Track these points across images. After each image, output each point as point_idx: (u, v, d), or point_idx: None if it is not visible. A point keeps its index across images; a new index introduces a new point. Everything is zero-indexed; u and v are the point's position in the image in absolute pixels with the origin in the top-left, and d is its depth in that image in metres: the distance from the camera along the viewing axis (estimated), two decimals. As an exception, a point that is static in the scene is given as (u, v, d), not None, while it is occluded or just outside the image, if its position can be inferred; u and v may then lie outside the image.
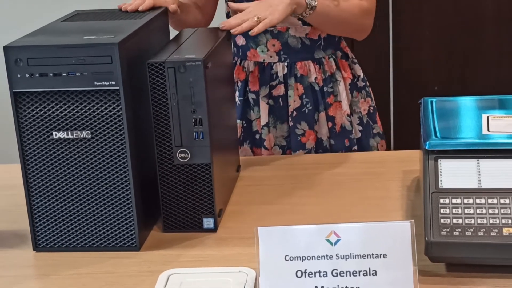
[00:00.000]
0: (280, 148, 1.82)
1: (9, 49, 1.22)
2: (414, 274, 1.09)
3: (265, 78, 1.80)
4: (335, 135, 1.81)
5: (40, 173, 1.26)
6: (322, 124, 1.80)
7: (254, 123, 1.82)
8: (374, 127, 1.88)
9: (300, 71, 1.78)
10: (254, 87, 1.81)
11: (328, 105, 1.81)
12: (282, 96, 1.79)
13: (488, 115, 1.34)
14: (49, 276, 1.23)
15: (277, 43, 1.77)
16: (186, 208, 1.34)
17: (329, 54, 1.81)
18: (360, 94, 1.86)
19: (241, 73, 1.82)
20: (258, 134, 1.82)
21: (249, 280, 1.15)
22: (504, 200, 1.14)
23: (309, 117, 1.79)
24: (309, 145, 1.80)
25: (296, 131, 1.79)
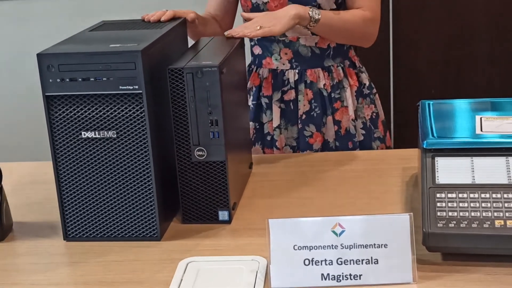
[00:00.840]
0: (291, 148, 1.82)
1: (42, 57, 1.23)
2: (412, 263, 1.09)
3: (277, 84, 1.80)
4: (340, 137, 1.81)
5: (70, 169, 1.27)
6: (329, 127, 1.80)
7: (266, 125, 1.82)
8: (376, 132, 1.88)
9: (310, 77, 1.78)
10: (267, 92, 1.81)
11: (335, 109, 1.80)
12: (293, 100, 1.79)
13: (481, 116, 1.33)
14: (78, 263, 1.23)
15: (289, 51, 1.77)
16: (203, 201, 1.33)
17: (337, 62, 1.81)
18: (364, 101, 1.85)
19: (256, 79, 1.83)
20: (270, 136, 1.82)
21: (260, 267, 1.14)
22: (496, 195, 1.14)
23: (317, 120, 1.79)
24: (316, 146, 1.79)
25: (305, 132, 1.79)
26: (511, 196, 1.13)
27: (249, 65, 1.87)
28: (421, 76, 3.03)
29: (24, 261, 1.26)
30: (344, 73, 1.81)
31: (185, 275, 1.14)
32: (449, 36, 2.97)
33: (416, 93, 2.97)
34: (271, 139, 1.82)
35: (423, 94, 2.89)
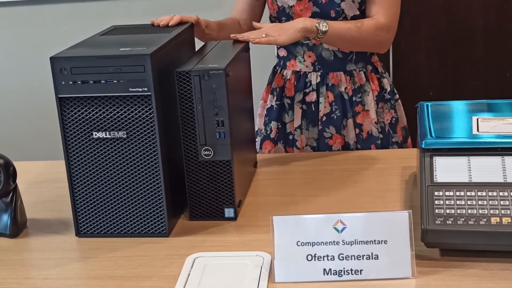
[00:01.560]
0: (311, 148, 1.82)
1: (54, 60, 1.23)
2: (411, 258, 1.09)
3: (300, 85, 1.80)
4: (362, 140, 1.80)
5: (81, 168, 1.27)
6: (350, 129, 1.80)
7: (288, 125, 1.83)
8: (394, 136, 1.86)
9: (331, 80, 1.78)
10: (290, 93, 1.81)
11: (356, 113, 1.80)
12: (314, 102, 1.79)
13: (478, 117, 1.33)
14: (89, 258, 1.23)
15: (313, 54, 1.77)
16: (209, 199, 1.34)
17: (359, 67, 1.80)
18: (385, 105, 1.84)
19: (280, 80, 1.83)
20: (291, 135, 1.83)
21: (265, 263, 1.15)
22: (492, 193, 1.13)
23: (337, 122, 1.79)
24: (336, 148, 1.79)
25: (325, 134, 1.79)
26: (506, 194, 1.13)
27: (275, 66, 1.88)
28: (419, 78, 3.03)
29: (37, 257, 1.26)
30: (366, 78, 1.81)
31: (192, 270, 1.14)
32: (447, 39, 2.96)
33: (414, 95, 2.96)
34: (293, 138, 1.82)
35: (421, 96, 2.89)
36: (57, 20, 2.95)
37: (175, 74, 1.28)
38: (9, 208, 1.33)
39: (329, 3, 1.70)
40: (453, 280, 1.08)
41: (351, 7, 1.71)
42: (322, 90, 1.78)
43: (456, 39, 2.96)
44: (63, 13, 2.94)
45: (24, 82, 3.04)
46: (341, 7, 1.70)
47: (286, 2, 1.73)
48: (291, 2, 1.72)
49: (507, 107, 1.41)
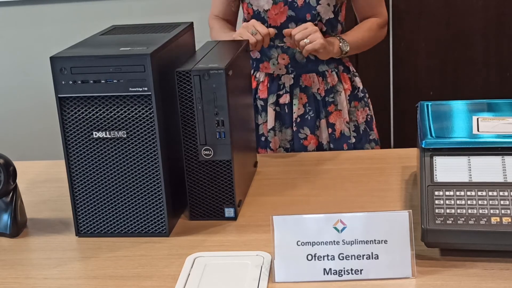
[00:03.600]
0: (284, 150, 1.83)
1: (55, 60, 1.23)
2: (411, 258, 1.09)
3: (273, 87, 1.81)
4: (335, 140, 1.82)
5: (81, 168, 1.27)
6: (323, 129, 1.81)
7: (261, 126, 1.83)
8: (371, 134, 1.88)
9: (304, 82, 1.79)
10: (263, 95, 1.82)
11: (328, 113, 1.81)
12: (288, 104, 1.80)
13: (478, 117, 1.32)
14: (90, 258, 1.23)
15: (286, 57, 1.78)
16: (209, 199, 1.34)
17: (331, 67, 1.81)
18: (359, 104, 1.86)
19: (253, 82, 1.83)
20: (264, 137, 1.83)
21: (265, 262, 1.14)
22: (492, 193, 1.13)
23: (311, 123, 1.80)
24: (311, 148, 1.80)
25: (299, 135, 1.80)
26: (506, 194, 1.13)
27: None
28: (420, 78, 3.02)
29: (37, 256, 1.26)
30: (338, 78, 1.82)
31: (193, 270, 1.14)
32: (447, 39, 2.96)
33: (415, 95, 2.96)
34: (265, 140, 1.83)
35: (422, 96, 2.89)
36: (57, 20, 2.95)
37: (175, 74, 1.28)
38: (9, 208, 1.33)
39: (304, 7, 1.70)
40: (453, 280, 1.08)
41: (327, 10, 1.72)
42: (296, 92, 1.79)
43: (456, 39, 2.96)
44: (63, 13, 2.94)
45: (24, 82, 3.04)
46: (317, 10, 1.71)
47: (261, 6, 1.72)
48: (267, 6, 1.72)
49: (507, 107, 1.41)
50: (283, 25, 1.73)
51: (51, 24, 2.96)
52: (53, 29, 2.94)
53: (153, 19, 2.67)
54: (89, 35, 1.44)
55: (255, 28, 1.62)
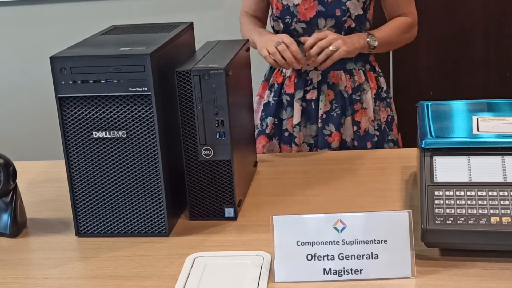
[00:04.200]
0: (308, 145, 1.84)
1: (54, 59, 1.23)
2: (411, 258, 1.09)
3: (300, 83, 1.81)
4: (359, 137, 1.82)
5: (81, 168, 1.27)
6: (347, 127, 1.81)
7: (285, 122, 1.84)
8: (390, 134, 1.89)
9: (332, 79, 1.80)
10: (289, 90, 1.82)
11: (354, 111, 1.82)
12: (314, 100, 1.81)
13: (478, 117, 1.33)
14: (90, 258, 1.23)
15: None
16: (209, 199, 1.34)
17: (359, 66, 1.82)
18: (382, 104, 1.87)
19: (279, 77, 1.84)
20: (288, 132, 1.84)
21: (265, 262, 1.15)
22: (492, 193, 1.13)
23: (336, 120, 1.80)
24: (335, 145, 1.81)
25: (324, 131, 1.81)
26: (506, 194, 1.13)
27: None
28: (420, 77, 3.03)
29: (37, 256, 1.26)
30: (365, 76, 1.83)
31: (192, 269, 1.14)
32: (446, 39, 2.96)
33: (415, 94, 2.96)
34: (289, 135, 1.84)
35: (422, 95, 2.89)
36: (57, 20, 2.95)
37: (175, 74, 1.28)
38: (9, 208, 1.33)
39: (334, 2, 1.71)
40: (453, 280, 1.08)
41: (356, 6, 1.73)
42: (323, 88, 1.79)
43: (456, 39, 2.96)
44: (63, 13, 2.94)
45: (24, 82, 3.04)
46: (347, 6, 1.72)
47: (291, 0, 1.73)
48: (297, 0, 1.73)
49: (507, 106, 1.41)
50: (313, 20, 1.74)
51: (51, 24, 2.96)
52: (53, 29, 2.94)
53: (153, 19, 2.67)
54: (89, 35, 1.44)
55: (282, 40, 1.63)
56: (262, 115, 1.87)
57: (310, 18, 1.73)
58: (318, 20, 1.73)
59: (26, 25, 2.97)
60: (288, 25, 1.77)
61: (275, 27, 1.82)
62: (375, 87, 1.85)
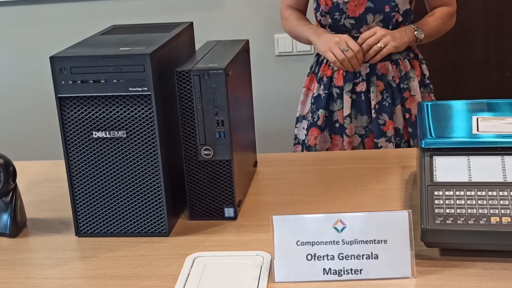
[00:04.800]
0: (359, 136, 1.90)
1: (54, 59, 1.23)
2: (411, 258, 1.09)
3: (349, 76, 1.85)
4: (412, 124, 1.88)
5: (81, 168, 1.27)
6: (398, 115, 1.88)
7: (335, 113, 1.89)
8: None
9: (381, 70, 1.85)
10: (338, 83, 1.86)
11: (404, 99, 1.88)
12: (364, 92, 1.85)
13: (478, 117, 1.33)
14: (90, 258, 1.23)
15: None
16: (209, 198, 1.34)
17: (404, 55, 1.87)
18: (425, 90, 1.94)
19: (327, 70, 1.88)
20: (338, 123, 1.89)
21: (265, 262, 1.15)
22: (492, 192, 1.13)
23: (388, 109, 1.86)
24: (389, 133, 1.87)
25: (379, 121, 1.86)
26: (506, 194, 1.13)
27: (318, 55, 1.93)
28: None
29: (37, 256, 1.26)
30: (410, 65, 1.88)
31: (192, 269, 1.14)
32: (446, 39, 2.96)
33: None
34: (340, 126, 1.89)
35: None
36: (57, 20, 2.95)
37: (175, 74, 1.28)
38: (9, 208, 1.33)
39: None
40: (453, 280, 1.08)
41: (404, 1, 1.80)
42: (373, 80, 1.85)
43: (456, 39, 2.96)
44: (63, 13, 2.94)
45: (24, 82, 3.04)
46: (396, 2, 1.77)
47: None
48: None
49: (507, 106, 1.41)
50: (361, 16, 1.79)
51: (51, 24, 2.96)
52: (53, 29, 2.94)
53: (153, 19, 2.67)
54: (89, 35, 1.44)
55: (347, 45, 1.70)
56: (313, 107, 1.92)
57: (359, 14, 1.79)
58: (366, 16, 1.79)
59: (26, 25, 2.97)
60: (337, 21, 1.81)
61: (322, 21, 1.86)
62: (420, 74, 1.91)
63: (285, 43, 2.87)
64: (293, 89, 2.94)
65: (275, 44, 2.87)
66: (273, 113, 2.94)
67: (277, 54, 2.89)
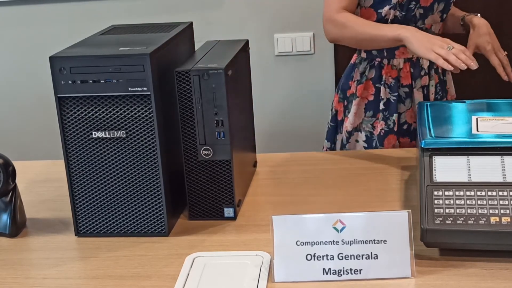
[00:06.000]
0: None
1: (54, 59, 1.23)
2: (411, 258, 1.09)
3: (416, 72, 1.81)
4: None
5: (81, 168, 1.27)
6: None
7: (403, 115, 1.82)
8: None
9: None
10: (406, 82, 1.81)
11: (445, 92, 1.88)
12: (425, 86, 1.83)
13: (477, 117, 1.33)
14: (89, 258, 1.23)
15: None
16: (209, 198, 1.34)
17: None
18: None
19: (391, 71, 1.80)
20: (407, 124, 1.83)
21: (264, 262, 1.15)
22: (491, 192, 1.13)
23: None
24: None
25: None
26: (506, 194, 1.13)
27: (373, 58, 1.81)
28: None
29: (37, 256, 1.26)
30: None
31: (192, 269, 1.14)
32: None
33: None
34: (408, 126, 1.83)
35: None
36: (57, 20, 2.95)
37: (175, 74, 1.28)
38: (9, 208, 1.33)
39: None
40: (453, 280, 1.08)
41: None
42: (432, 73, 1.82)
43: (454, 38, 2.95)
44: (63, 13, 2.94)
45: (24, 82, 3.04)
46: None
47: None
48: None
49: (506, 106, 1.41)
50: (431, 5, 1.76)
51: (51, 24, 2.96)
52: (53, 29, 2.94)
53: (153, 19, 2.67)
54: (89, 35, 1.44)
55: (452, 45, 1.59)
56: (385, 114, 1.81)
57: (430, 4, 1.76)
58: (434, 5, 1.77)
59: (26, 25, 2.97)
60: (411, 11, 1.74)
61: (387, 15, 1.74)
62: None
63: (285, 43, 2.86)
64: (292, 88, 2.95)
65: (275, 44, 2.87)
66: (273, 113, 2.94)
67: (276, 54, 2.89)
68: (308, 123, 2.95)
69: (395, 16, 1.75)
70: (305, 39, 2.85)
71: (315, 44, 2.87)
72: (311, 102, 2.93)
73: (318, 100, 2.92)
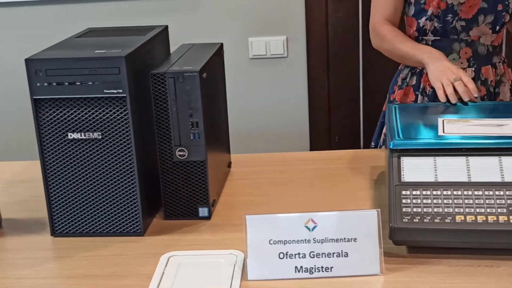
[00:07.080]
0: None
1: (30, 62, 1.22)
2: (380, 255, 1.10)
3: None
4: None
5: (56, 168, 1.26)
6: None
7: None
8: None
9: (484, 75, 1.76)
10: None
11: None
12: None
13: (444, 119, 1.34)
14: (65, 258, 1.22)
15: (469, 50, 1.74)
16: (184, 198, 1.33)
17: (499, 58, 1.79)
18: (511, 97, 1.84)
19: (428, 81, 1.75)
20: None
21: (238, 261, 1.15)
22: (457, 192, 1.15)
23: None
24: None
25: None
26: (470, 193, 1.14)
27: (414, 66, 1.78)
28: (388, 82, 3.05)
29: (12, 256, 1.25)
30: (503, 68, 1.80)
31: (167, 268, 1.14)
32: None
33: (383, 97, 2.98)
34: None
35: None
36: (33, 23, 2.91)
37: (150, 76, 1.27)
38: (-16, 209, 1.31)
39: None
40: (420, 277, 1.09)
41: None
42: (477, 85, 1.74)
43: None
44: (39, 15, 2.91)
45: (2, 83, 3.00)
46: (509, 0, 1.70)
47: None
48: None
49: (471, 109, 1.43)
50: (474, 17, 1.70)
51: (27, 27, 2.92)
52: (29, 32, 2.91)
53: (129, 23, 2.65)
54: (65, 38, 1.42)
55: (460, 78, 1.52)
56: None
57: (472, 16, 1.70)
58: (478, 17, 1.71)
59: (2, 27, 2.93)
60: (448, 23, 1.71)
61: (425, 26, 1.73)
62: (509, 78, 1.82)
63: (259, 46, 2.87)
64: (266, 90, 2.95)
65: (249, 47, 2.87)
66: (247, 115, 2.94)
67: (251, 57, 2.89)
68: (282, 124, 2.96)
69: (434, 27, 1.73)
70: (279, 42, 2.86)
71: (288, 48, 2.88)
72: (284, 103, 2.94)
73: (292, 102, 2.93)
